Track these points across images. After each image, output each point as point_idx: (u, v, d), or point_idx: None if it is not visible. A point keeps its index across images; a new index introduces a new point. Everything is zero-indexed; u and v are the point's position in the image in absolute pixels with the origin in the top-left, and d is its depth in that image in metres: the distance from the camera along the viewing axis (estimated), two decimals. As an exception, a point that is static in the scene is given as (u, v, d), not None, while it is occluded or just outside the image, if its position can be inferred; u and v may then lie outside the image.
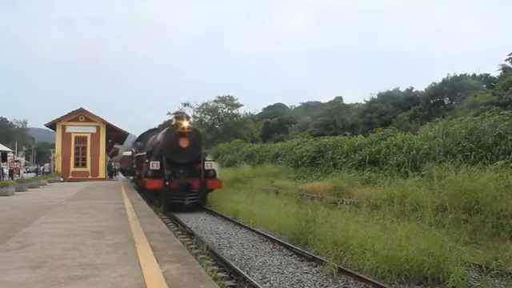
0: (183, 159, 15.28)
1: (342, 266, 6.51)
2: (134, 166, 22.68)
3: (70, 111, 28.90)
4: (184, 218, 13.03)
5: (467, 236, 7.95)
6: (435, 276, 5.89)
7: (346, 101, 59.67)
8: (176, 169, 15.22)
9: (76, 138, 28.79)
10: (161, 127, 19.49)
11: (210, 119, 54.48)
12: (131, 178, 26.56)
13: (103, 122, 29.11)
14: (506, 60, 37.66)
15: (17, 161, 43.02)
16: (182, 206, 14.68)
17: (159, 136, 16.80)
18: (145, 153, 18.03)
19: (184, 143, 15.33)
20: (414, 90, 49.85)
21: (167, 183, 14.44)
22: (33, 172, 39.27)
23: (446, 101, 46.41)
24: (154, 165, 14.99)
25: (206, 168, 15.59)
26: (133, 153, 25.46)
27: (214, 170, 16.02)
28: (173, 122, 16.34)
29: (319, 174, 22.13)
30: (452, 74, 46.87)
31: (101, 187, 20.20)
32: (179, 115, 16.59)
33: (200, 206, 15.32)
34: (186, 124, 15.46)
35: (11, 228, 6.98)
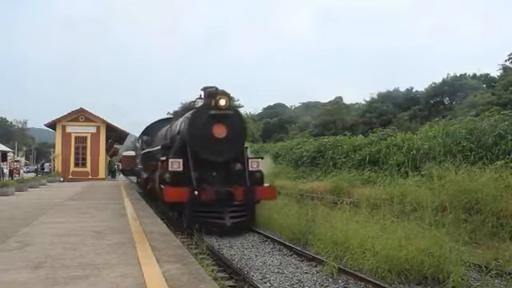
0: (219, 156, 10.39)
1: (342, 266, 6.51)
2: (140, 166, 18.31)
3: (70, 111, 28.89)
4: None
5: (467, 236, 7.97)
6: (435, 276, 5.89)
7: (346, 101, 59.69)
8: (206, 170, 10.44)
9: (76, 137, 28.77)
10: (178, 114, 13.80)
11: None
12: (136, 179, 23.02)
13: (103, 122, 29.10)
14: (506, 61, 37.68)
15: (17, 161, 43.07)
16: (219, 227, 9.86)
17: (181, 122, 11.51)
18: (158, 147, 12.71)
19: (220, 131, 10.31)
20: (414, 90, 50.04)
21: (196, 193, 9.62)
22: (33, 172, 39.25)
23: (446, 101, 46.53)
24: (175, 164, 10.19)
25: (250, 169, 10.71)
26: (137, 149, 21.52)
27: (261, 172, 11.02)
28: (198, 104, 11.15)
29: (319, 173, 22.19)
30: (452, 74, 47.14)
31: (101, 187, 20.19)
32: (212, 90, 10.78)
33: (246, 226, 10.36)
34: (222, 102, 10.27)
35: (11, 228, 6.98)
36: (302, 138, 32.69)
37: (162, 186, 10.21)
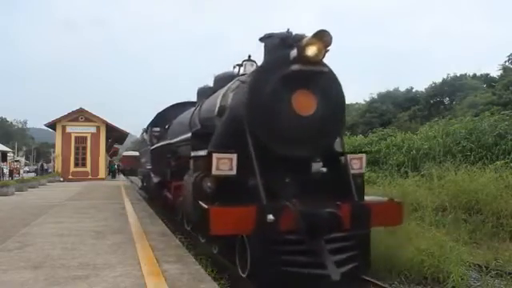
0: (301, 148, 5.20)
1: (342, 266, 6.48)
2: (148, 166, 13.18)
3: (70, 111, 28.93)
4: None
5: (467, 236, 7.96)
6: (435, 276, 5.88)
7: (346, 101, 59.09)
8: (274, 174, 5.09)
9: (76, 138, 28.81)
10: (204, 92, 8.19)
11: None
12: (141, 182, 17.94)
13: (103, 122, 29.13)
14: (506, 61, 37.65)
15: (17, 161, 43.07)
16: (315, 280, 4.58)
17: (223, 94, 6.41)
18: (187, 135, 7.17)
19: (306, 104, 5.12)
20: (413, 90, 50.00)
21: (270, 217, 4.32)
22: (33, 172, 39.20)
23: (446, 101, 46.54)
24: (224, 163, 4.85)
25: (353, 171, 5.57)
26: (143, 145, 16.19)
27: (362, 178, 6.07)
28: (247, 69, 6.80)
29: (319, 174, 22.14)
30: (452, 74, 47.12)
31: (101, 187, 20.19)
32: (288, 34, 5.43)
33: (357, 274, 5.32)
34: (312, 50, 4.82)
35: (11, 228, 6.98)
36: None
37: (204, 205, 4.65)
